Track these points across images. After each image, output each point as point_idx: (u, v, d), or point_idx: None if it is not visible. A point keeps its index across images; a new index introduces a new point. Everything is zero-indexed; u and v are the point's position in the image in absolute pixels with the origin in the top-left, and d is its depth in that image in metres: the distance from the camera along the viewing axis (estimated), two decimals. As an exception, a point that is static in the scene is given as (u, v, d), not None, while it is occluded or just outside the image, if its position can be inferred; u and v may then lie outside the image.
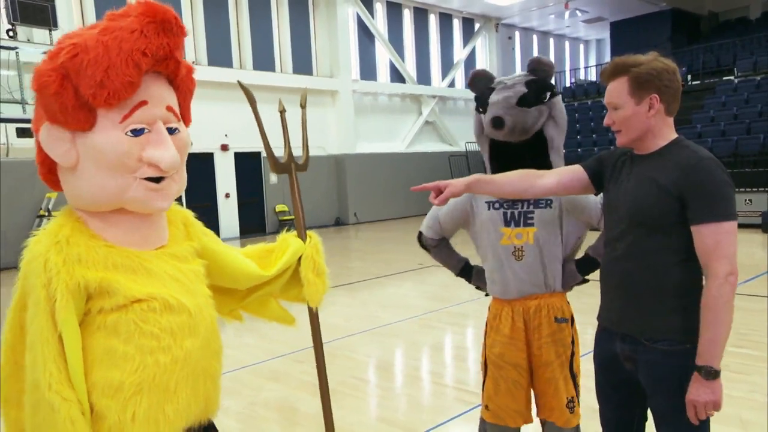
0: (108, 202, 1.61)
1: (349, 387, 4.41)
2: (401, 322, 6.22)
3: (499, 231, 2.50)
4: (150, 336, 1.56)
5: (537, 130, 2.47)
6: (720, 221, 1.76)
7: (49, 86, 1.45)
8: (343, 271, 9.54)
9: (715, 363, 1.76)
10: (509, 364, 2.50)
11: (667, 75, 1.85)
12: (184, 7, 14.68)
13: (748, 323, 5.48)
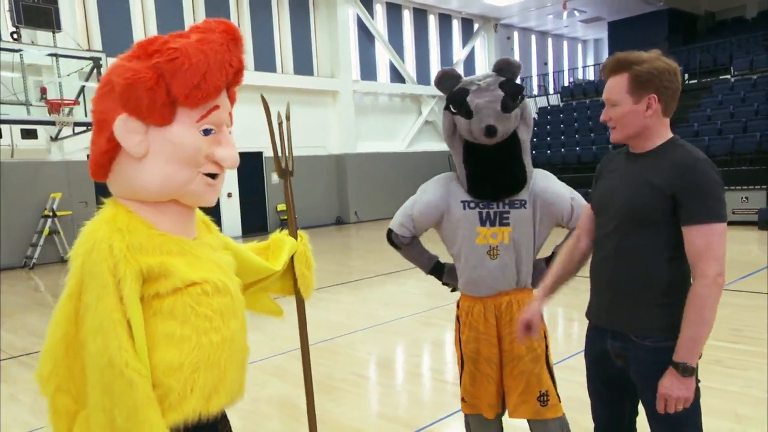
0: (170, 192, 1.71)
1: (350, 384, 4.43)
2: (402, 320, 6.26)
3: (475, 230, 2.51)
4: (203, 317, 1.66)
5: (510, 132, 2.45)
6: (711, 222, 1.76)
7: (145, 82, 1.57)
8: (344, 270, 9.59)
9: (692, 360, 1.79)
10: (484, 359, 2.55)
11: (668, 75, 1.83)
12: (186, 9, 14.71)
13: (744, 319, 5.52)
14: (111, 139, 1.64)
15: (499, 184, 2.48)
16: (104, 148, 1.65)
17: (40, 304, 8.44)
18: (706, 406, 3.59)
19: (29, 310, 7.97)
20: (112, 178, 1.72)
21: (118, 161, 1.68)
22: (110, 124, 1.63)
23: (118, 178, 1.71)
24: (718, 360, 4.46)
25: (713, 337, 5.43)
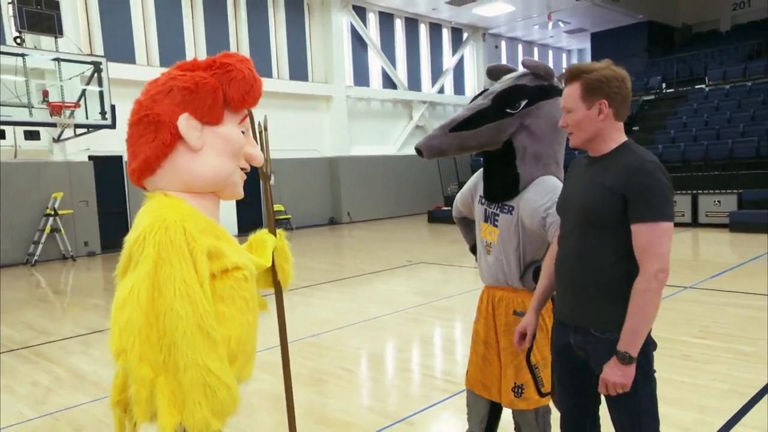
0: (219, 181, 1.93)
1: (338, 377, 4.45)
2: (389, 316, 6.25)
3: (480, 224, 2.60)
4: (242, 300, 1.87)
5: (504, 140, 2.42)
6: (656, 221, 1.78)
7: (210, 86, 1.84)
8: (336, 268, 9.63)
9: (632, 350, 1.80)
10: (481, 340, 2.60)
11: (615, 82, 1.86)
12: (185, 15, 14.70)
13: (713, 317, 5.62)
14: (173, 136, 1.81)
15: (490, 188, 2.53)
16: (166, 143, 1.81)
17: (40, 300, 8.43)
18: (673, 398, 3.71)
19: (29, 305, 7.94)
20: (161, 173, 1.86)
21: (172, 157, 1.83)
22: (168, 124, 1.81)
23: (171, 172, 1.86)
24: (686, 355, 4.54)
25: (682, 332, 5.57)
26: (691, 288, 6.86)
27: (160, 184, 1.87)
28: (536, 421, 2.55)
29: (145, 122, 1.83)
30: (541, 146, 2.44)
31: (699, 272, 7.84)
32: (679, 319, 5.54)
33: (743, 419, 3.38)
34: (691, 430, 3.27)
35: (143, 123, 1.83)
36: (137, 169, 1.86)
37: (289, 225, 16.12)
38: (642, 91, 18.68)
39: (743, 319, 5.48)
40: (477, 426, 2.74)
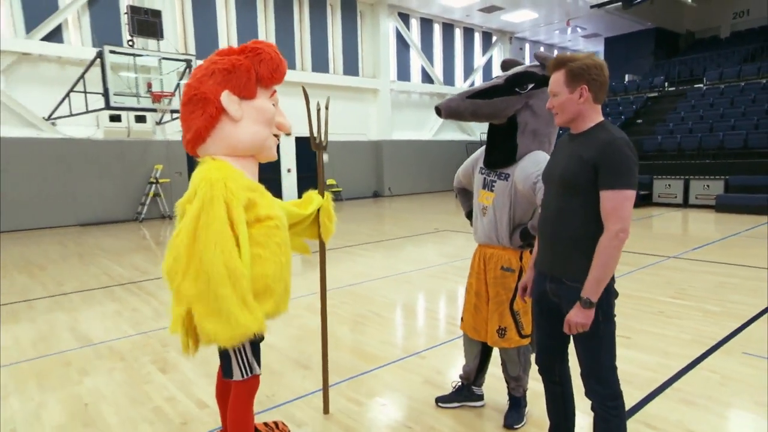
0: (256, 145, 2.02)
1: (367, 319, 4.53)
2: (415, 272, 6.31)
3: (479, 191, 2.61)
4: (276, 245, 1.96)
5: (509, 115, 2.43)
6: (620, 189, 1.78)
7: (244, 66, 1.93)
8: (376, 233, 9.73)
9: (593, 297, 1.83)
10: (474, 291, 2.64)
11: (595, 70, 1.86)
12: (259, 21, 14.82)
13: (688, 281, 5.53)
14: (218, 110, 1.92)
15: (491, 157, 2.55)
16: (212, 115, 1.91)
17: (144, 248, 8.80)
18: (643, 345, 3.73)
19: (136, 251, 8.30)
20: (210, 141, 1.96)
21: (218, 127, 1.94)
22: (213, 100, 1.91)
23: (218, 140, 1.96)
24: (661, 311, 4.50)
25: (659, 293, 5.50)
26: (674, 258, 6.72)
27: (209, 150, 1.97)
28: (518, 358, 2.62)
29: (194, 101, 1.92)
30: (540, 124, 2.45)
31: (684, 245, 7.65)
32: (660, 283, 5.47)
33: (701, 364, 3.39)
34: (654, 371, 3.29)
35: (193, 101, 1.92)
36: (191, 140, 1.96)
37: (339, 196, 16.32)
38: (647, 89, 17.87)
39: (715, 284, 5.37)
40: (472, 361, 2.83)
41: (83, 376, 3.45)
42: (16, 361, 3.77)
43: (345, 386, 3.17)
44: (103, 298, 5.48)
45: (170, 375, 3.42)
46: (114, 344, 4.05)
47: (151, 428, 2.73)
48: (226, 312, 1.77)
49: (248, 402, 2.07)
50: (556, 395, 2.26)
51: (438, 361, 3.56)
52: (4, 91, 10.93)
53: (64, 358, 3.80)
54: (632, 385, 3.09)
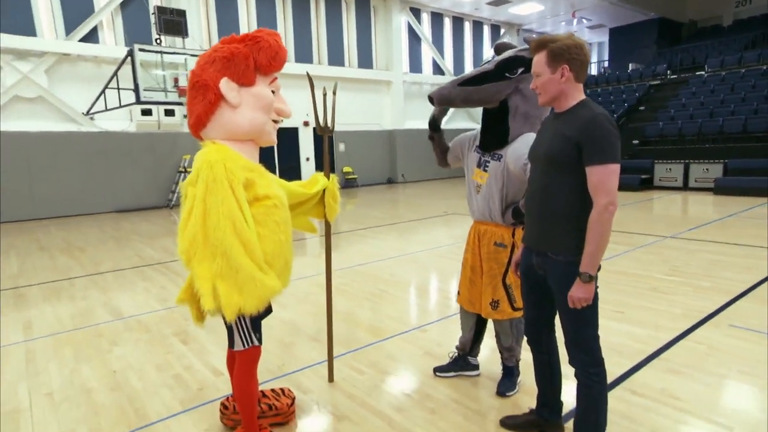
0: (254, 130, 1.98)
1: (375, 295, 4.53)
2: (423, 252, 6.27)
3: (473, 169, 2.56)
4: (274, 223, 1.93)
5: (500, 99, 2.38)
6: (605, 164, 1.73)
7: (243, 54, 1.89)
8: (388, 216, 9.71)
9: (591, 271, 1.78)
10: (469, 266, 2.62)
11: (575, 50, 1.81)
12: (278, 17, 14.75)
13: (683, 259, 5.41)
14: (216, 96, 1.89)
15: (485, 139, 2.51)
16: (211, 101, 1.88)
17: (174, 233, 8.75)
18: (635, 318, 3.68)
19: (166, 235, 8.40)
20: (210, 126, 1.93)
21: (217, 113, 1.91)
22: (212, 88, 1.88)
23: (217, 125, 1.93)
24: (654, 288, 4.42)
25: (654, 270, 5.40)
26: (671, 237, 6.58)
27: (210, 134, 1.95)
28: (510, 330, 2.61)
29: (196, 87, 1.90)
30: (531, 107, 2.39)
31: (681, 225, 7.47)
32: (656, 261, 5.36)
33: (688, 336, 3.32)
34: (644, 343, 3.24)
35: (195, 88, 1.90)
36: (193, 124, 1.94)
37: (355, 183, 16.31)
38: (650, 77, 17.32)
39: (708, 261, 5.25)
40: (468, 332, 2.82)
41: (113, 346, 3.53)
42: (56, 332, 3.88)
43: (350, 357, 3.19)
44: (134, 277, 5.58)
45: (190, 345, 3.48)
46: (142, 318, 4.13)
47: (171, 393, 2.79)
48: (249, 278, 1.78)
49: (250, 370, 2.09)
50: (544, 364, 2.24)
51: (438, 334, 3.55)
52: (47, 90, 11.12)
53: (97, 330, 3.89)
54: (622, 355, 3.05)
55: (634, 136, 13.71)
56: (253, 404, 2.13)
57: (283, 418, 2.42)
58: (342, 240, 7.42)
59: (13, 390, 2.92)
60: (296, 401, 2.61)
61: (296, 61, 14.97)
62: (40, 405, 2.73)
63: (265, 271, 1.86)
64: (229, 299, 1.80)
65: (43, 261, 6.62)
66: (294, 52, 15.03)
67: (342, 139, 16.08)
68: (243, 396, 2.10)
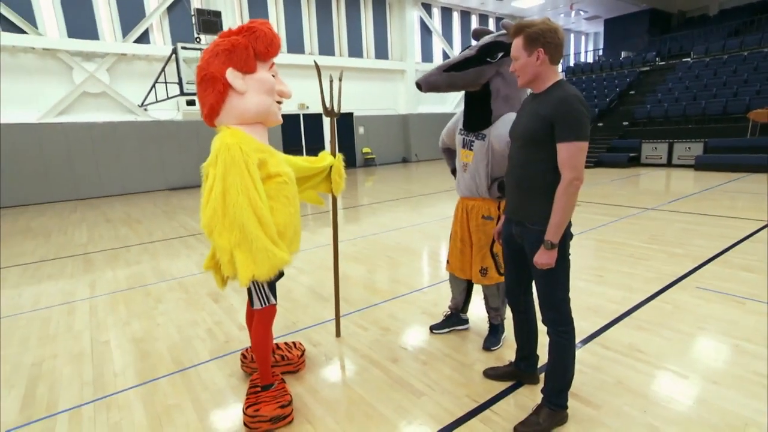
0: (261, 113, 1.93)
1: (382, 261, 4.49)
2: (429, 223, 6.16)
3: (460, 150, 2.47)
4: (284, 197, 1.91)
5: (483, 83, 2.26)
6: (573, 141, 1.65)
7: (242, 44, 1.84)
8: (401, 191, 9.62)
9: (554, 239, 1.73)
10: (458, 238, 2.54)
11: (549, 34, 1.70)
12: (304, 14, 14.41)
13: (661, 228, 5.21)
14: (225, 86, 1.83)
15: (469, 120, 2.39)
16: (221, 91, 1.83)
17: None
18: (611, 281, 3.59)
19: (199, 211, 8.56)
20: (223, 114, 1.88)
21: (227, 102, 1.86)
22: (219, 78, 1.82)
23: (229, 112, 1.88)
24: (631, 254, 4.28)
25: (634, 239, 5.24)
26: (652, 209, 6.34)
27: (224, 121, 1.90)
28: (497, 292, 2.57)
29: (205, 80, 1.84)
30: (511, 90, 2.29)
31: (663, 198, 7.19)
32: (637, 230, 5.18)
33: (658, 297, 3.22)
34: (618, 303, 3.15)
35: (204, 81, 1.84)
36: (207, 114, 1.89)
37: (374, 162, 16.16)
38: (640, 63, 16.44)
39: (683, 231, 5.04)
40: (459, 295, 2.78)
41: (158, 303, 3.61)
42: (114, 290, 3.98)
43: (356, 315, 3.19)
44: (179, 245, 5.67)
45: (220, 304, 3.53)
46: (182, 280, 4.20)
47: (202, 344, 2.84)
48: (263, 248, 1.76)
49: (267, 326, 2.09)
50: (522, 322, 2.20)
51: (435, 295, 3.51)
52: (109, 86, 11.20)
53: (146, 290, 3.98)
54: (597, 314, 2.98)
55: (624, 118, 13.14)
56: (268, 355, 2.14)
57: (294, 367, 2.43)
58: (360, 213, 7.39)
59: (79, 337, 3.03)
60: (306, 353, 2.62)
61: (320, 53, 14.69)
62: (99, 351, 2.82)
63: (277, 242, 1.84)
64: (245, 267, 1.80)
65: (108, 231, 6.79)
66: (318, 46, 14.73)
67: (361, 123, 15.86)
68: (259, 348, 2.11)
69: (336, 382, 2.35)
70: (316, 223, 6.59)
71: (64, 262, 5.09)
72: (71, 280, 4.37)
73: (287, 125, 13.95)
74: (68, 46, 10.56)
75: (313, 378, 2.40)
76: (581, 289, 3.44)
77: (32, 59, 10.40)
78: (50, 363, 2.68)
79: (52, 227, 7.37)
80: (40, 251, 5.68)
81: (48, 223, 7.75)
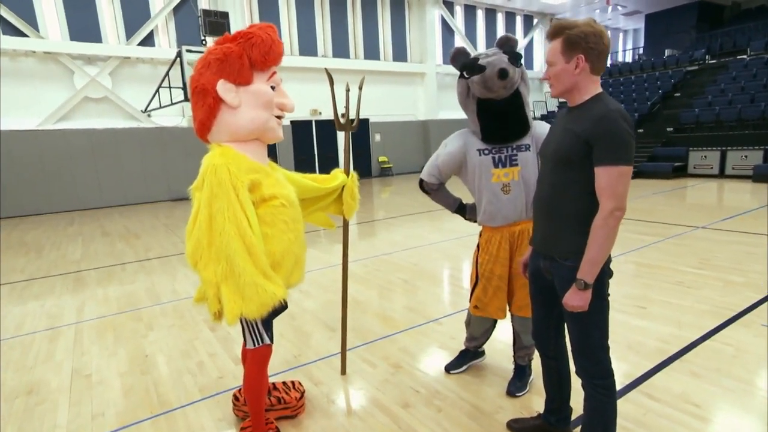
0: (256, 129, 1.83)
1: (395, 285, 4.39)
2: (447, 242, 6.04)
3: (490, 172, 2.30)
4: (283, 223, 1.82)
5: (515, 89, 2.21)
6: (614, 165, 1.52)
7: (235, 53, 1.75)
8: (419, 205, 9.47)
9: (588, 278, 1.59)
10: (495, 276, 2.38)
11: (593, 38, 1.57)
12: (317, 16, 14.60)
13: (712, 250, 4.96)
14: (215, 100, 1.75)
15: (510, 131, 2.26)
16: (211, 106, 1.75)
17: None
18: (657, 315, 3.39)
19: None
20: (214, 129, 1.81)
21: (219, 116, 1.78)
22: (210, 91, 1.74)
23: (221, 127, 1.80)
24: (680, 281, 4.06)
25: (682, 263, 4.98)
26: (703, 228, 6.06)
27: (215, 137, 1.84)
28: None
29: (196, 92, 1.78)
30: (528, 97, 2.29)
31: (715, 215, 6.88)
32: (684, 253, 4.94)
33: (715, 336, 2.99)
34: (666, 341, 2.95)
35: (195, 93, 1.78)
36: (198, 129, 1.83)
37: (390, 172, 16.12)
38: (686, 62, 16.06)
39: (741, 254, 4.77)
40: (482, 335, 2.64)
41: (149, 331, 3.57)
42: (103, 315, 3.97)
43: (364, 349, 3.07)
44: (177, 263, 5.67)
45: (216, 332, 3.46)
46: (178, 304, 4.16)
47: (193, 380, 2.77)
48: (251, 283, 1.68)
49: (260, 368, 2.00)
50: (552, 369, 2.05)
51: (453, 327, 3.37)
52: (111, 90, 11.51)
53: (138, 314, 3.95)
54: (641, 355, 2.79)
55: (668, 123, 12.79)
56: (261, 399, 2.05)
57: (291, 411, 2.33)
58: (374, 228, 7.30)
59: (59, 369, 2.99)
60: (306, 394, 2.52)
61: (334, 56, 14.83)
62: (79, 386, 2.77)
63: (269, 276, 1.74)
64: (231, 303, 1.72)
65: (104, 246, 6.87)
66: (332, 48, 14.88)
67: (377, 129, 15.88)
68: (251, 391, 2.02)
69: (338, 430, 2.23)
70: (327, 239, 6.52)
71: (54, 281, 5.14)
72: (59, 302, 4.38)
73: (298, 133, 14.05)
74: (70, 49, 10.90)
75: (312, 424, 2.29)
76: (620, 322, 3.25)
77: (32, 63, 10.76)
78: (22, 401, 2.64)
79: (46, 241, 7.50)
80: (30, 268, 5.76)
81: (42, 237, 7.90)
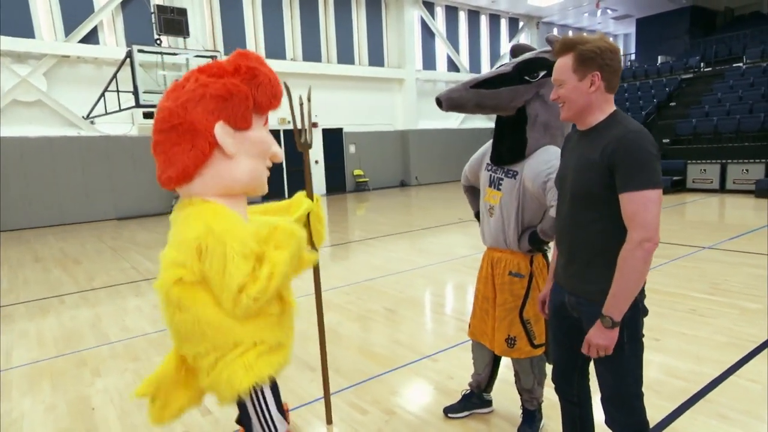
0: (254, 182, 1.71)
1: (380, 315, 4.32)
2: (434, 266, 6.01)
3: (485, 189, 2.36)
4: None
5: (518, 106, 2.15)
6: (640, 190, 1.49)
7: (243, 93, 1.60)
8: (399, 224, 9.46)
9: (615, 315, 1.55)
10: (482, 297, 2.43)
11: (609, 54, 1.57)
12: (285, 16, 14.63)
13: (722, 273, 5.06)
14: (211, 145, 1.56)
15: (498, 152, 2.27)
16: (204, 152, 1.55)
17: None
18: (673, 349, 3.38)
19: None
20: (199, 180, 1.60)
21: (209, 164, 1.59)
22: (204, 133, 1.55)
23: (208, 178, 1.61)
24: (693, 309, 4.12)
25: (692, 288, 5.05)
26: (709, 248, 6.22)
27: (195, 189, 1.63)
28: (531, 369, 2.38)
29: (179, 130, 1.57)
30: (552, 116, 2.15)
31: (720, 234, 7.09)
32: (693, 276, 5.04)
33: (739, 371, 3.02)
34: (685, 379, 2.95)
35: (177, 131, 1.57)
36: (174, 178, 1.60)
37: (366, 186, 16.11)
38: (681, 70, 16.78)
39: (754, 277, 4.90)
40: (483, 370, 2.61)
41: (95, 377, 3.36)
42: (36, 360, 3.73)
43: (351, 392, 2.97)
44: (128, 293, 5.44)
45: (177, 378, 3.28)
46: (130, 342, 3.97)
47: (150, 438, 2.60)
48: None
49: None
50: (574, 417, 1.99)
51: (450, 364, 3.31)
52: (46, 93, 11.14)
53: (80, 357, 3.73)
54: (661, 395, 2.78)
55: (665, 135, 13.27)
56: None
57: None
58: (350, 250, 7.20)
59: (-19, 431, 2.76)
60: (288, 451, 2.39)
61: (304, 59, 14.84)
62: (8, 449, 2.56)
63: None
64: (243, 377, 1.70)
65: (36, 274, 6.54)
66: (302, 52, 14.90)
67: (352, 140, 15.90)
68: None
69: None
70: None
71: (-22, 317, 4.83)
72: (-15, 343, 4.11)
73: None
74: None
75: (295, 488, 2.16)
76: (636, 356, 3.24)
77: (-49, 61, 10.35)
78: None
79: (-32, 269, 7.10)
80: (-52, 302, 5.42)
81: (-37, 264, 7.48)
